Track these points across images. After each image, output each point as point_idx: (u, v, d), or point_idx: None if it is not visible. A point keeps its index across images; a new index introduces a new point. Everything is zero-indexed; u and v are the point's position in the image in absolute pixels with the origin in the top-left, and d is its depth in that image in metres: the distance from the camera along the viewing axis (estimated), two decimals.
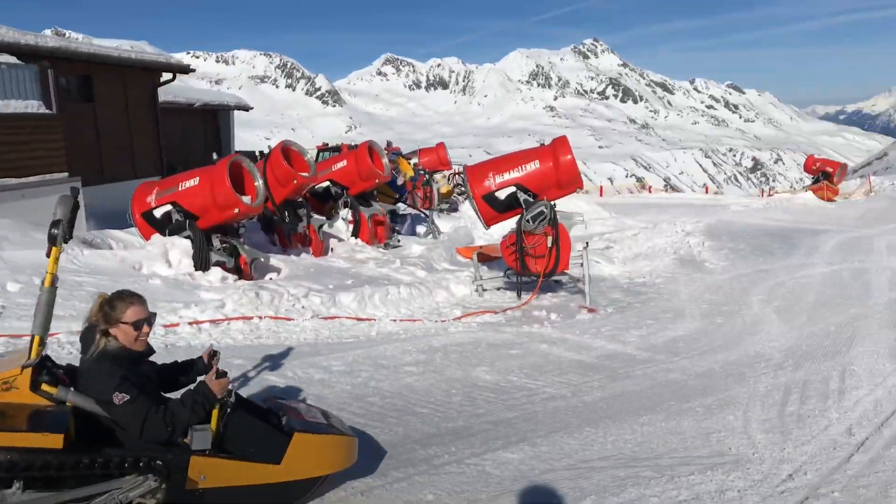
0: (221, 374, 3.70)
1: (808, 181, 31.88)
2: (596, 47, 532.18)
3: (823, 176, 30.43)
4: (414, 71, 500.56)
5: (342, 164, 14.96)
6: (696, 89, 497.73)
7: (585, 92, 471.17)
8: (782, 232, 18.02)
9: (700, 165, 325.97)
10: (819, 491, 4.57)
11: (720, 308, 10.56)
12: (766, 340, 8.68)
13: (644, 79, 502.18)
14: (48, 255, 3.68)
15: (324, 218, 14.44)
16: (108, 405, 3.48)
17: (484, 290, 11.93)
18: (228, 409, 3.77)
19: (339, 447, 3.93)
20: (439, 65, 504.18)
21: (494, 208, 11.64)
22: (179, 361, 4.16)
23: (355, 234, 14.54)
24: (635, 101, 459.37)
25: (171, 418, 3.53)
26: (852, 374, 7.17)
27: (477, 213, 11.86)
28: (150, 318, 3.79)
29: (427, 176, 21.40)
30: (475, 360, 7.44)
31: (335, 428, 4.01)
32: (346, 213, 14.67)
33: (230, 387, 3.78)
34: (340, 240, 14.30)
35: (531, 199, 11.29)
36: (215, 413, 3.67)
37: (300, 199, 13.86)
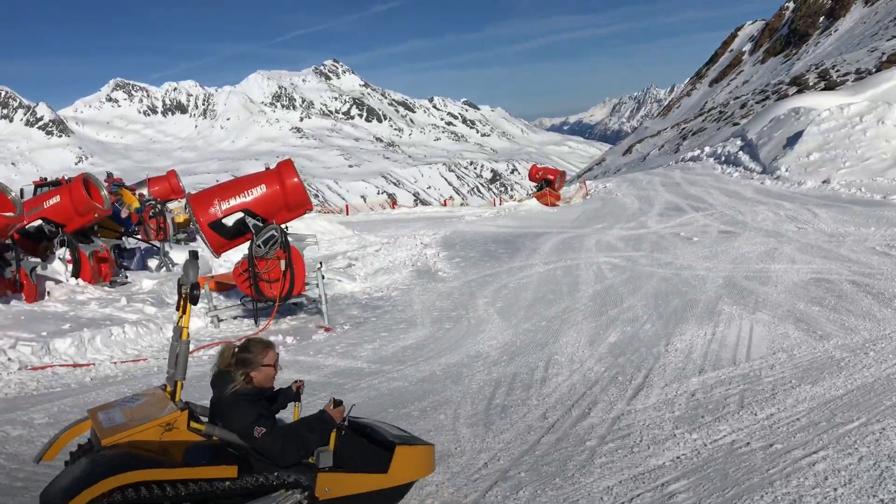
0: (338, 403, 4.25)
1: (533, 189, 34.60)
2: (337, 68, 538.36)
3: (546, 183, 33.16)
4: (148, 96, 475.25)
5: (55, 199, 13.78)
6: (435, 107, 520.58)
7: (331, 112, 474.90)
8: (508, 238, 19.37)
9: (445, 179, 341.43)
10: (508, 474, 5.01)
11: (449, 314, 11.16)
12: (486, 340, 9.31)
13: (386, 98, 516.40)
14: (184, 313, 4.28)
15: (38, 259, 13.25)
16: (249, 438, 3.98)
17: (220, 320, 11.63)
18: (343, 432, 4.30)
19: (429, 455, 4.43)
20: (175, 88, 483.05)
21: (223, 235, 11.40)
22: (274, 390, 4.58)
23: (76, 273, 13.48)
24: (380, 120, 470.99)
25: (303, 444, 4.09)
26: (556, 363, 7.92)
27: (205, 242, 11.53)
28: (278, 358, 4.39)
29: (158, 206, 20.37)
30: (197, 395, 7.19)
31: (421, 440, 4.51)
32: (63, 252, 13.57)
33: (344, 413, 4.30)
34: (58, 282, 13.17)
35: (260, 224, 11.20)
36: (333, 435, 4.20)
37: (7, 242, 12.60)
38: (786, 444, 5.32)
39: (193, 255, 4.33)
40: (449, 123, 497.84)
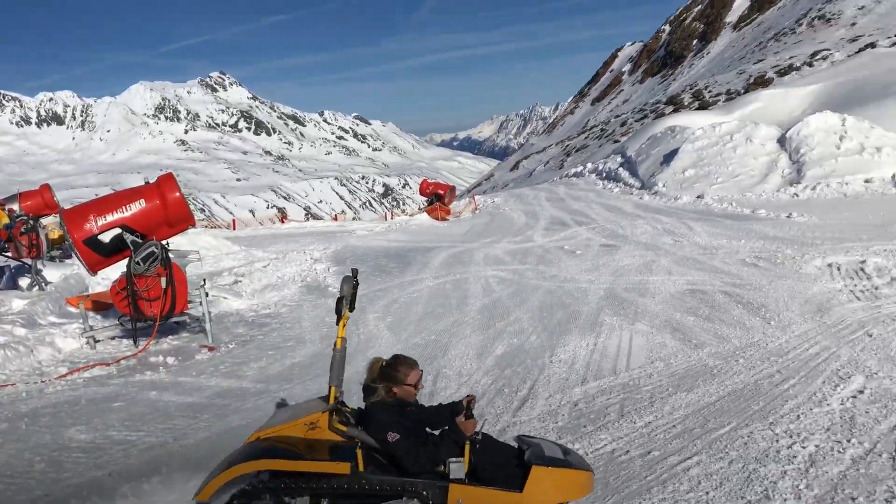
0: (470, 416, 4.43)
1: (425, 203, 34.83)
2: (224, 80, 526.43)
3: (436, 198, 33.46)
4: (21, 106, 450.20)
5: None
6: (325, 121, 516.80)
7: (218, 125, 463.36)
8: (399, 252, 19.38)
9: (337, 193, 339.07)
10: None
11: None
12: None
13: (275, 111, 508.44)
14: (337, 324, 4.65)
15: None
16: (384, 442, 4.29)
17: (97, 340, 11.07)
18: (477, 446, 4.39)
19: (574, 479, 4.32)
20: (51, 99, 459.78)
21: (99, 252, 10.89)
22: (444, 404, 4.78)
23: None
24: (269, 134, 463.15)
25: (433, 452, 4.26)
26: (444, 377, 7.98)
27: (80, 260, 10.99)
28: (421, 376, 4.70)
29: (31, 222, 19.24)
30: (70, 421, 6.87)
31: (570, 462, 4.40)
32: None
33: (477, 427, 4.45)
34: None
35: (139, 240, 10.77)
36: (467, 448, 4.29)
37: None
38: (662, 450, 5.53)
39: (354, 273, 4.79)
40: (340, 137, 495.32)
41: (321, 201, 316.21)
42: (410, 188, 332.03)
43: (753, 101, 37.90)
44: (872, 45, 55.48)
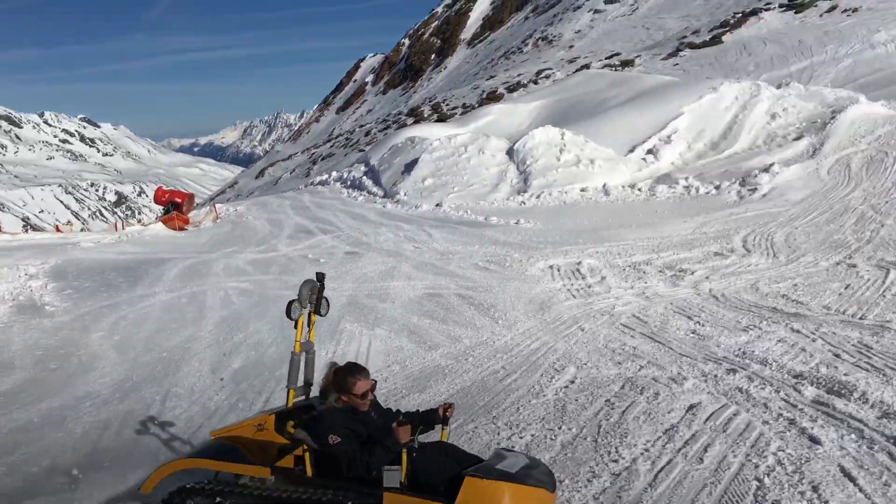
0: (404, 423, 4.27)
1: (161, 212, 32.92)
2: None
3: (173, 206, 31.74)
4: None
5: None
6: (46, 123, 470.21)
7: None
8: (130, 265, 18.07)
9: (62, 202, 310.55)
10: None
11: (56, 352, 10.06)
12: (98, 378, 8.58)
13: None
14: (295, 328, 5.06)
15: None
16: (325, 445, 4.27)
17: None
18: (414, 454, 4.23)
19: (516, 494, 4.04)
20: None
21: None
22: (422, 411, 4.81)
23: None
24: None
25: (368, 458, 4.19)
26: (174, 395, 7.58)
27: None
28: (373, 387, 4.61)
29: None
30: None
31: (519, 477, 4.13)
32: None
33: (412, 435, 4.27)
34: None
35: None
36: (404, 455, 4.15)
37: None
38: None
39: (319, 277, 4.83)
40: (64, 141, 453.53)
41: (42, 211, 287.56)
42: (146, 196, 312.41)
43: (486, 114, 40.23)
44: (587, 66, 61.45)
